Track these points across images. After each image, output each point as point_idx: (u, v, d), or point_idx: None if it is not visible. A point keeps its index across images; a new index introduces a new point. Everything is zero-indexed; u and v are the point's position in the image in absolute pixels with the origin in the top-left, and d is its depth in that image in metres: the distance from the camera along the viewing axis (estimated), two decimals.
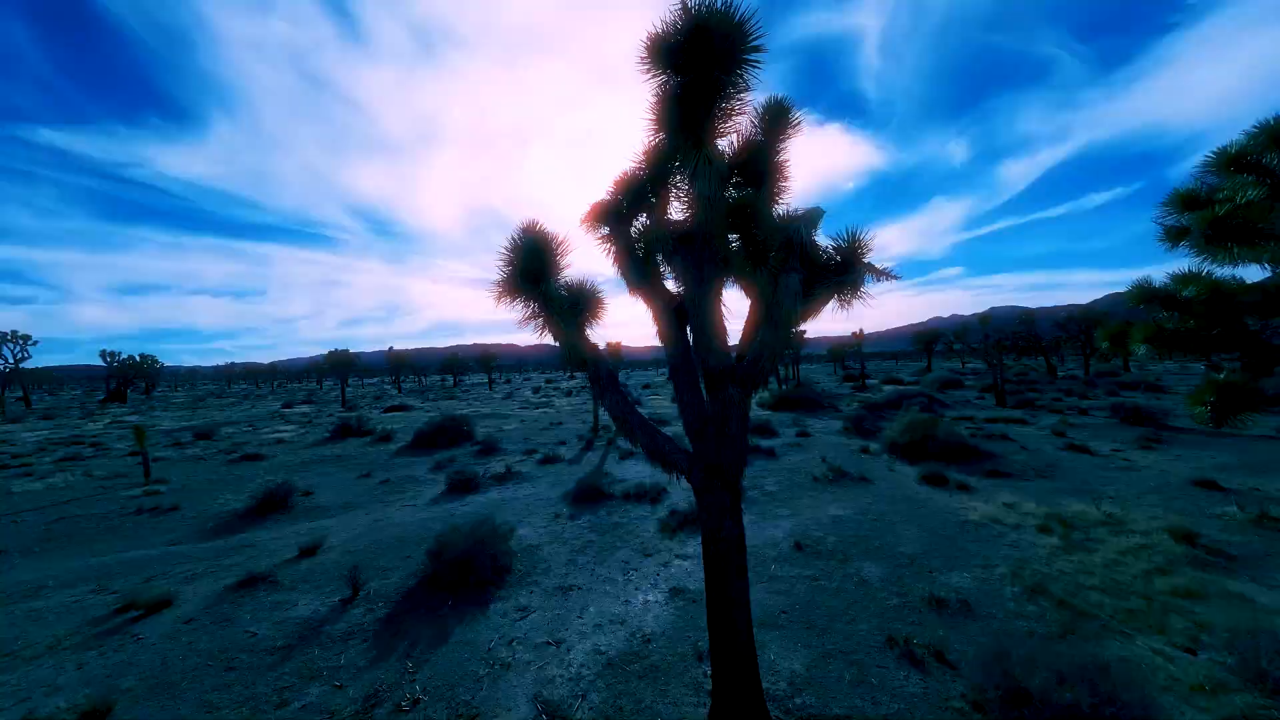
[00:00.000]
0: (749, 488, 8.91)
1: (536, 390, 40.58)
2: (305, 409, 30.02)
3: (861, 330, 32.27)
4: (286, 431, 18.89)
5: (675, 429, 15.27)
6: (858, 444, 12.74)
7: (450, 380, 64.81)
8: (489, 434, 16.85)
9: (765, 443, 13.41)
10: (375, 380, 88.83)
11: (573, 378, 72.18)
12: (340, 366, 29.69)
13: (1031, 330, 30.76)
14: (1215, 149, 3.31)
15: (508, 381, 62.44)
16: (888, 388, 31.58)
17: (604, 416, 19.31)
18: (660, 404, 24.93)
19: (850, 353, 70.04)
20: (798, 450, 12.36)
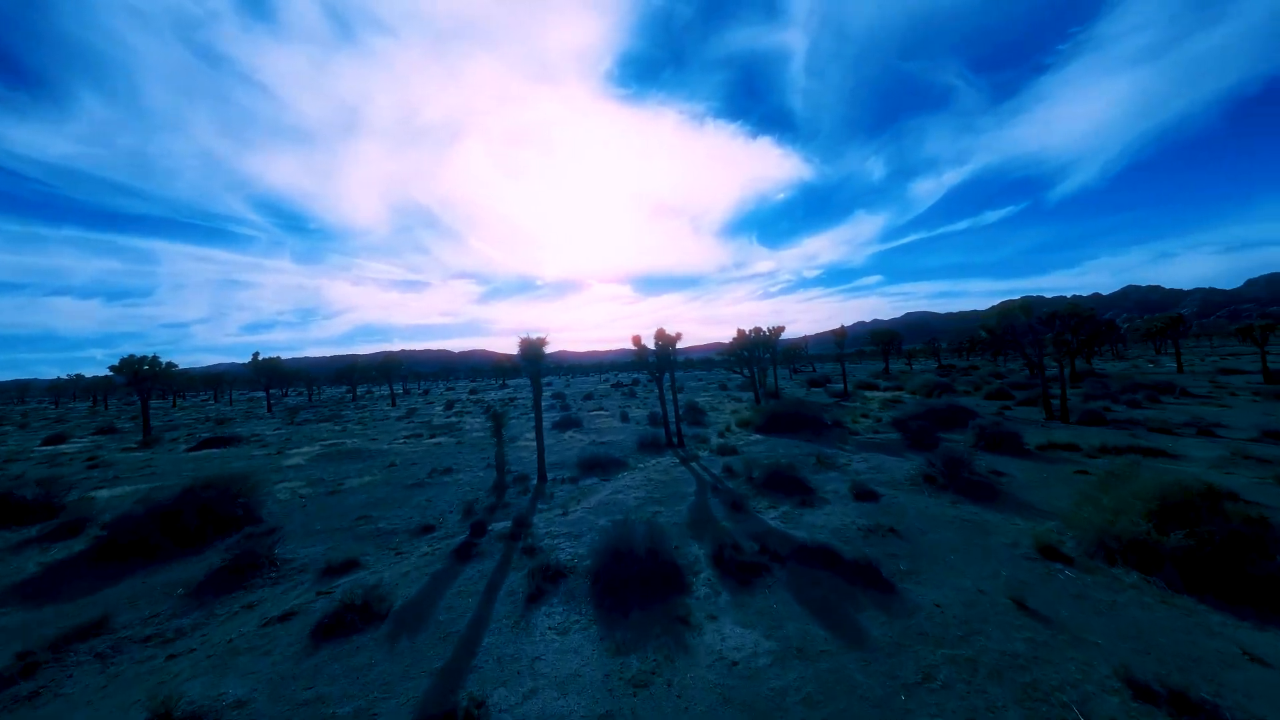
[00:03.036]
0: None
1: (450, 405, 32.33)
2: (75, 446, 20.38)
3: (844, 328, 27.07)
4: None
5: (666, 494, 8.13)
6: (1006, 530, 6.55)
7: (351, 393, 54.09)
8: (299, 506, 9.24)
9: (815, 519, 6.91)
10: (262, 394, 75.31)
11: (504, 386, 63.49)
12: (140, 381, 20.41)
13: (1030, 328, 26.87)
14: None
15: (425, 393, 52.98)
16: (870, 394, 26.80)
17: (520, 462, 12.10)
18: (610, 425, 18.01)
19: (802, 355, 66.56)
20: (897, 553, 5.96)
